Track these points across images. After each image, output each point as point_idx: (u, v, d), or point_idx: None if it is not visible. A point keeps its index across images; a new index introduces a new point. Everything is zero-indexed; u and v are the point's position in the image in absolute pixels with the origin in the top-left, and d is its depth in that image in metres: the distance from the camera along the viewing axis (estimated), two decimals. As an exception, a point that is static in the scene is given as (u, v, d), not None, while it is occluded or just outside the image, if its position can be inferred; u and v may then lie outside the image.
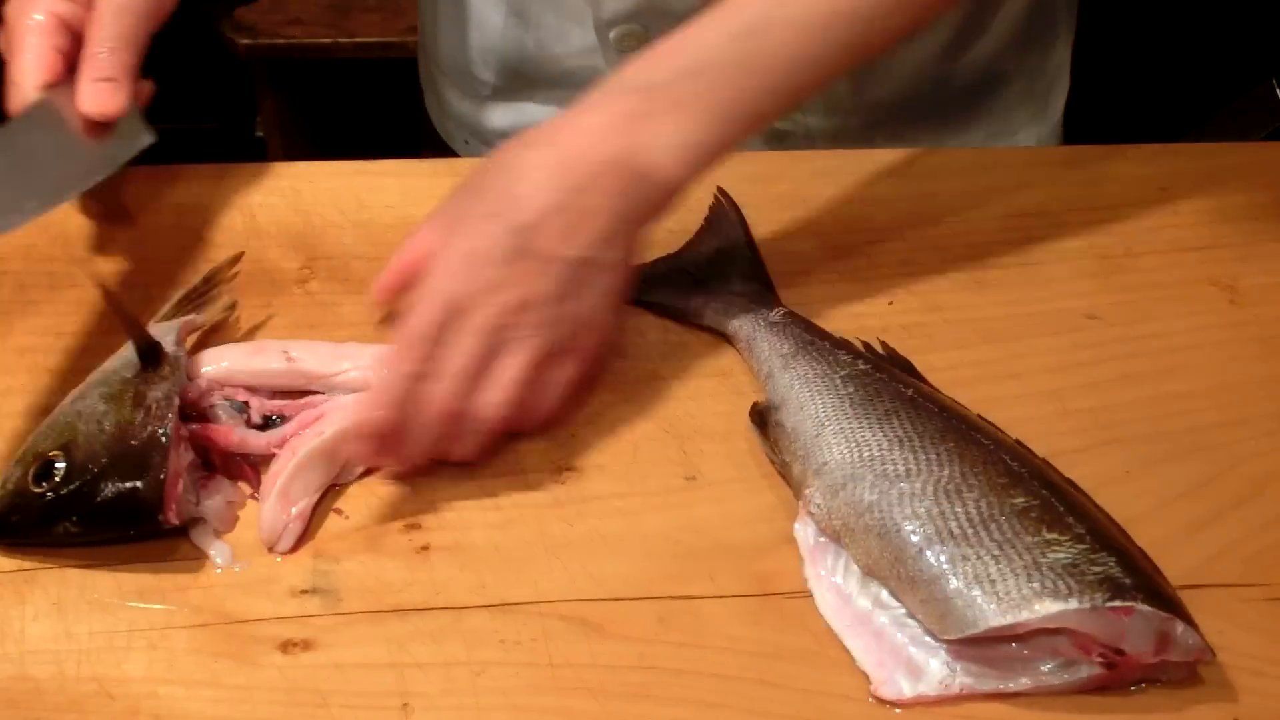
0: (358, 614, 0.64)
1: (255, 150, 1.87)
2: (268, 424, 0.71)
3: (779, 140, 0.99)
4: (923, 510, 0.64)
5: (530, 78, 0.99)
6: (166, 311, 0.74)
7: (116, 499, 0.64)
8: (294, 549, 0.67)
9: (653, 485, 0.71)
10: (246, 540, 0.67)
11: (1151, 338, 0.82)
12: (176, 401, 0.68)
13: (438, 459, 0.69)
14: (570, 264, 0.68)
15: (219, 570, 0.66)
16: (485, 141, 1.04)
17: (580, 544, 0.68)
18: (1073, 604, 0.60)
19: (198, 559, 0.66)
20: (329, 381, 0.72)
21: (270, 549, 0.66)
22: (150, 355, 0.69)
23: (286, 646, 0.63)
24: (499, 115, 1.02)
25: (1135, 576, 0.62)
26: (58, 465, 0.64)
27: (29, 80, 0.73)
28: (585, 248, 0.69)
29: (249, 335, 0.78)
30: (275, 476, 0.67)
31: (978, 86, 0.99)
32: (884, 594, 0.65)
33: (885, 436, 0.68)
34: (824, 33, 0.71)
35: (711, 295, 0.80)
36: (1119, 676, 0.62)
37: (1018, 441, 0.70)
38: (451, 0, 1.02)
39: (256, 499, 0.68)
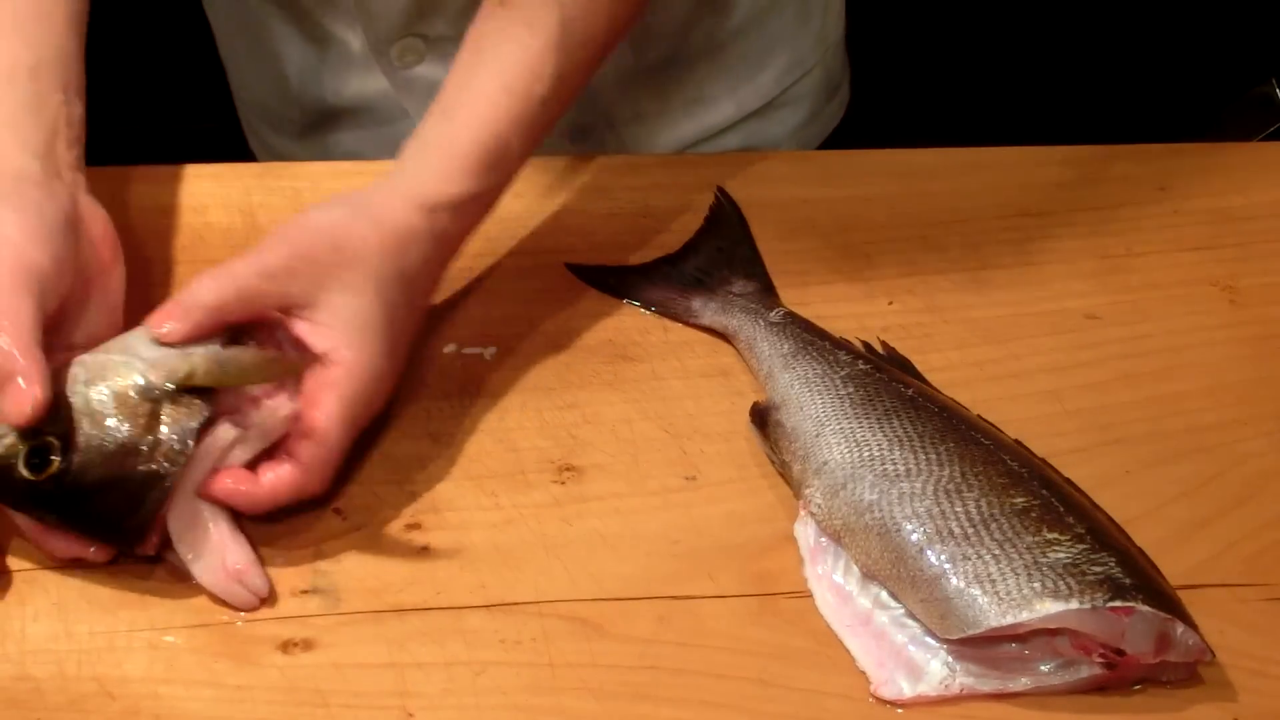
0: (358, 614, 0.64)
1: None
2: None
3: (583, 135, 0.98)
4: (923, 510, 0.64)
5: (333, 112, 0.98)
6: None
7: (100, 518, 0.62)
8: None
9: (653, 485, 0.71)
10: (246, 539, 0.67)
11: (1151, 338, 0.82)
12: (192, 445, 0.63)
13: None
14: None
15: (194, 581, 0.65)
16: None
17: (580, 544, 0.68)
18: (1073, 604, 0.60)
19: (198, 559, 0.66)
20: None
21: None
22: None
23: (286, 646, 0.63)
24: (313, 151, 1.01)
25: (1135, 576, 0.62)
26: (52, 457, 0.61)
27: None
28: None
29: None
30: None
31: (753, 23, 0.99)
32: (884, 594, 0.65)
33: (885, 436, 0.68)
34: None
35: (711, 295, 0.80)
36: (1119, 676, 0.62)
37: (1018, 441, 0.71)
38: (249, 38, 1.00)
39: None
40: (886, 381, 0.72)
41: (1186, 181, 0.93)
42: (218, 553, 0.64)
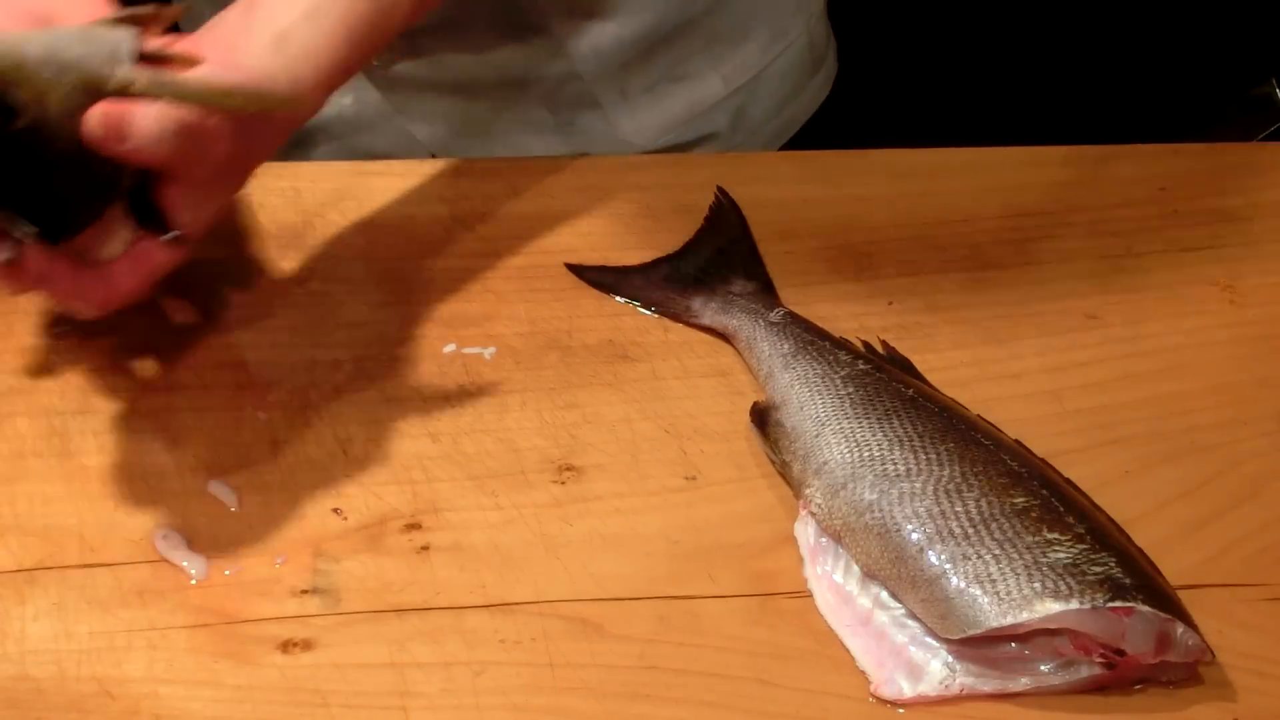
0: (358, 614, 0.64)
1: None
2: None
3: (571, 120, 0.97)
4: (923, 510, 0.65)
5: (310, 131, 0.98)
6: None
7: (48, 192, 0.61)
8: None
9: (653, 485, 0.71)
10: (246, 539, 0.67)
11: (1151, 338, 0.82)
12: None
13: None
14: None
15: (194, 581, 0.65)
16: None
17: (580, 544, 0.68)
18: (1073, 604, 0.60)
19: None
20: None
21: None
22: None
23: (286, 646, 0.63)
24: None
25: (1135, 576, 0.62)
26: (11, 112, 0.58)
27: None
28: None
29: (242, 324, 0.78)
30: None
31: None
32: (884, 594, 0.65)
33: (885, 436, 0.68)
34: None
35: (711, 295, 0.80)
36: (1119, 676, 0.62)
37: (1018, 441, 0.71)
38: None
39: None
40: (886, 381, 0.72)
41: (1186, 181, 0.93)
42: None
